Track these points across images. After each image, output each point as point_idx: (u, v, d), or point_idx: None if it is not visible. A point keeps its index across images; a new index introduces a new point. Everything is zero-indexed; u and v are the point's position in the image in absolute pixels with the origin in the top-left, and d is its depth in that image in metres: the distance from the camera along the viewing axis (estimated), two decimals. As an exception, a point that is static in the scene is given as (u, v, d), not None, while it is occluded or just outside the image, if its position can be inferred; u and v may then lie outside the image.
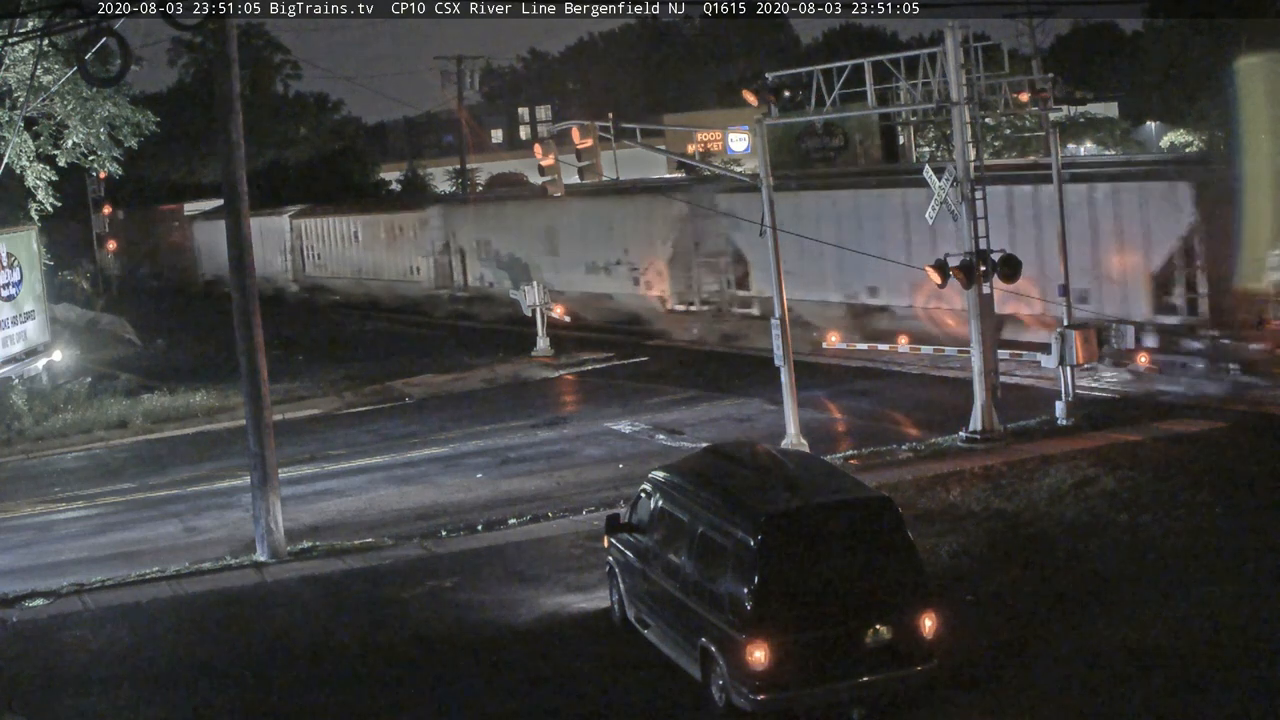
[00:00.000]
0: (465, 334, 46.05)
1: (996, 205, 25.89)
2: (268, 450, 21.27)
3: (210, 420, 32.97)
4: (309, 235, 61.96)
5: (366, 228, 57.85)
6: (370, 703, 15.27)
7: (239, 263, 21.46)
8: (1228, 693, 13.83)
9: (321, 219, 61.47)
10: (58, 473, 29.37)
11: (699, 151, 64.39)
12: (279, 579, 20.04)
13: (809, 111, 27.68)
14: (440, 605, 18.34)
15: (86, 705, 15.69)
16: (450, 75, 73.37)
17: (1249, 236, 26.55)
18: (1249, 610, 15.76)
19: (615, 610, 16.97)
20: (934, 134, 51.83)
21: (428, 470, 26.76)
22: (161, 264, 78.21)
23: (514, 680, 15.52)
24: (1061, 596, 16.64)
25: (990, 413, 24.83)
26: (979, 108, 25.53)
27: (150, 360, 44.66)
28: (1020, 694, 14.20)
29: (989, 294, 24.94)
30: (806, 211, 33.37)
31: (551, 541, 20.79)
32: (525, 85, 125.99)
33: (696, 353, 38.21)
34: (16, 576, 20.96)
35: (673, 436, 27.76)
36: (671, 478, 16.08)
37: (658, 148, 44.31)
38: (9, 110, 33.43)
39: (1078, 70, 73.93)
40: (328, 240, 60.53)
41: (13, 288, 35.14)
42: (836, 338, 32.60)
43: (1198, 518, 19.03)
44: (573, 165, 25.61)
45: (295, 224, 62.60)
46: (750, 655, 13.47)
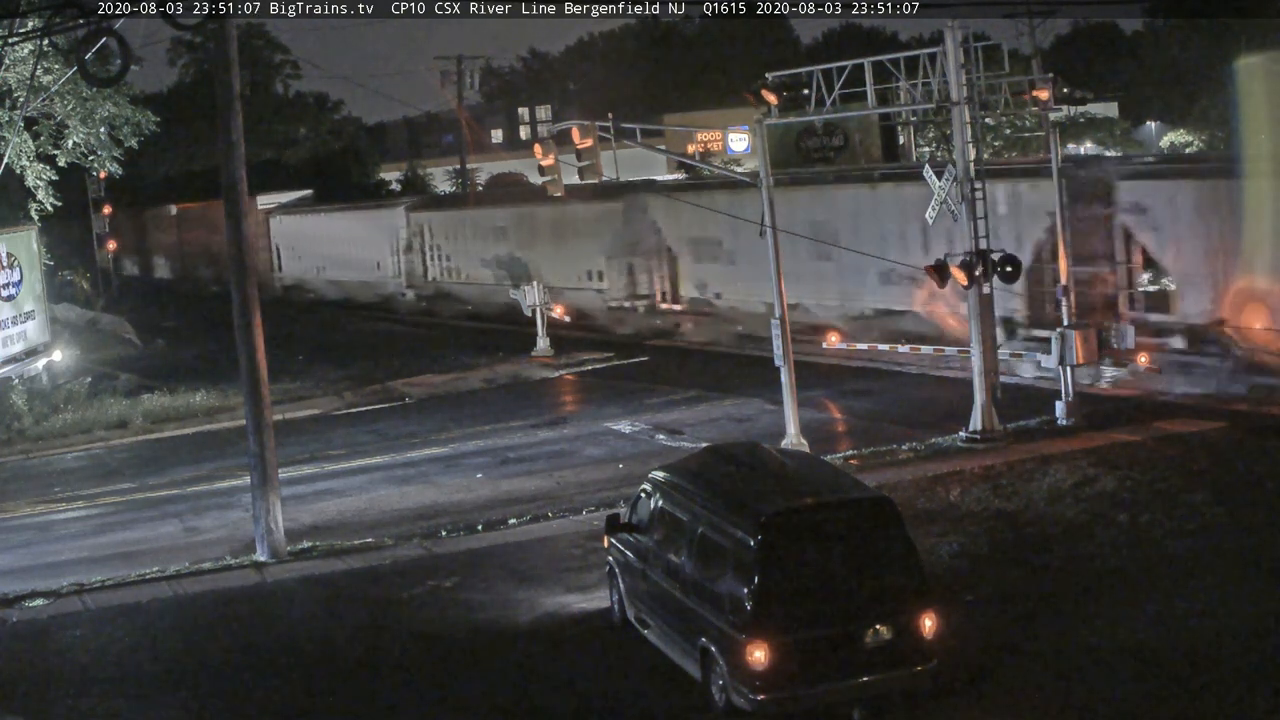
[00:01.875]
0: (466, 334, 46.06)
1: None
2: (268, 450, 21.27)
3: (210, 420, 32.97)
4: (433, 232, 54.18)
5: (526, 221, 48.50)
6: (370, 703, 15.27)
7: (239, 263, 21.46)
8: (1227, 693, 13.83)
9: (453, 212, 54.75)
10: (58, 473, 29.37)
11: (699, 151, 64.36)
12: (279, 579, 20.03)
13: (809, 111, 27.67)
14: (440, 605, 18.33)
15: (85, 705, 15.68)
16: (450, 75, 73.27)
17: (1249, 235, 26.55)
18: (1249, 610, 15.77)
19: (615, 610, 16.97)
20: (934, 134, 51.81)
21: (428, 470, 26.76)
22: (223, 267, 73.69)
23: (514, 680, 15.52)
24: (1061, 596, 16.65)
25: (990, 413, 24.84)
26: (979, 108, 25.54)
27: (150, 360, 44.66)
28: (1020, 694, 14.21)
29: (989, 294, 24.94)
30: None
31: (551, 541, 20.79)
32: (525, 85, 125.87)
33: (697, 353, 38.22)
34: (16, 576, 20.96)
35: (673, 436, 27.76)
36: (671, 478, 16.08)
37: (658, 148, 44.34)
38: (9, 110, 33.44)
39: (1078, 70, 73.90)
40: (460, 238, 52.68)
41: (13, 288, 35.13)
42: (837, 338, 32.52)
43: (1198, 518, 19.04)
44: (573, 165, 25.61)
45: (414, 218, 55.23)
46: (750, 655, 13.47)
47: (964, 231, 24.62)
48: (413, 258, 54.61)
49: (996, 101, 27.27)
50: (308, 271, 63.52)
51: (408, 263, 54.93)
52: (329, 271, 61.39)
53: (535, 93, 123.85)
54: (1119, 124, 62.34)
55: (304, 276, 63.82)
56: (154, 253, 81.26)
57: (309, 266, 63.33)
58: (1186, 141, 55.82)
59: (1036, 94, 26.33)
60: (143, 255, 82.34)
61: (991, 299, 25.12)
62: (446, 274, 53.25)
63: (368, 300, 57.88)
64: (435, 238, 53.74)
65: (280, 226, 65.47)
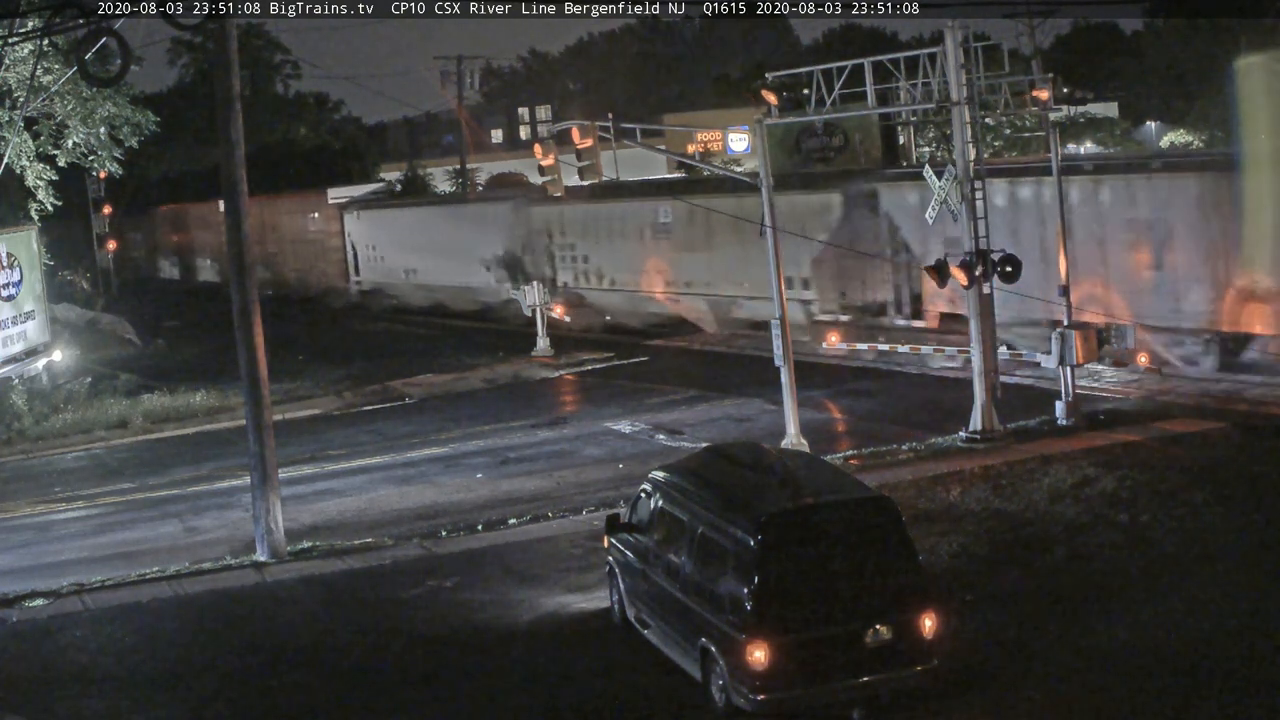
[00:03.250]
0: (467, 333, 46.04)
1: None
2: (268, 450, 21.28)
3: (210, 420, 32.98)
4: (564, 230, 45.13)
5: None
6: (370, 703, 15.27)
7: (239, 262, 21.44)
8: (1228, 693, 13.83)
9: (598, 205, 42.92)
10: (58, 473, 29.37)
11: (699, 151, 64.30)
12: (279, 579, 20.03)
13: (809, 111, 27.68)
14: (440, 605, 18.34)
15: (86, 705, 15.69)
16: (450, 75, 73.22)
17: (1249, 234, 26.55)
18: (1249, 610, 15.76)
19: (615, 610, 16.97)
20: (934, 134, 51.79)
21: (428, 470, 26.76)
22: (282, 270, 63.34)
23: (514, 680, 15.52)
24: (1061, 596, 16.64)
25: (990, 413, 24.83)
26: (979, 108, 25.54)
27: (150, 360, 44.66)
28: (1020, 694, 14.20)
29: (989, 294, 24.93)
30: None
31: (551, 541, 20.79)
32: (525, 85, 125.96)
33: (697, 353, 38.21)
34: (16, 576, 20.96)
35: (673, 436, 27.76)
36: (671, 478, 16.08)
37: (658, 148, 44.28)
38: (9, 110, 33.43)
39: (1078, 70, 73.86)
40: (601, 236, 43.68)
41: (13, 288, 35.13)
42: (836, 338, 32.51)
43: (1198, 518, 19.03)
44: (573, 165, 25.62)
45: (537, 213, 45.99)
46: (750, 655, 13.47)
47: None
48: (535, 259, 45.71)
49: (996, 101, 27.29)
50: (391, 274, 54.97)
51: (528, 266, 45.88)
52: (420, 275, 52.78)
53: (535, 93, 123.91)
54: (1119, 124, 62.29)
55: (386, 280, 55.42)
56: (197, 253, 74.61)
57: (393, 269, 54.83)
58: (1186, 141, 55.79)
59: (1036, 94, 26.33)
60: (183, 256, 76.83)
61: (991, 299, 25.12)
62: (583, 279, 43.99)
63: (464, 308, 50.03)
64: (567, 236, 44.54)
65: (357, 224, 57.19)
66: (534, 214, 45.58)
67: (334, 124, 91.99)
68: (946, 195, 24.47)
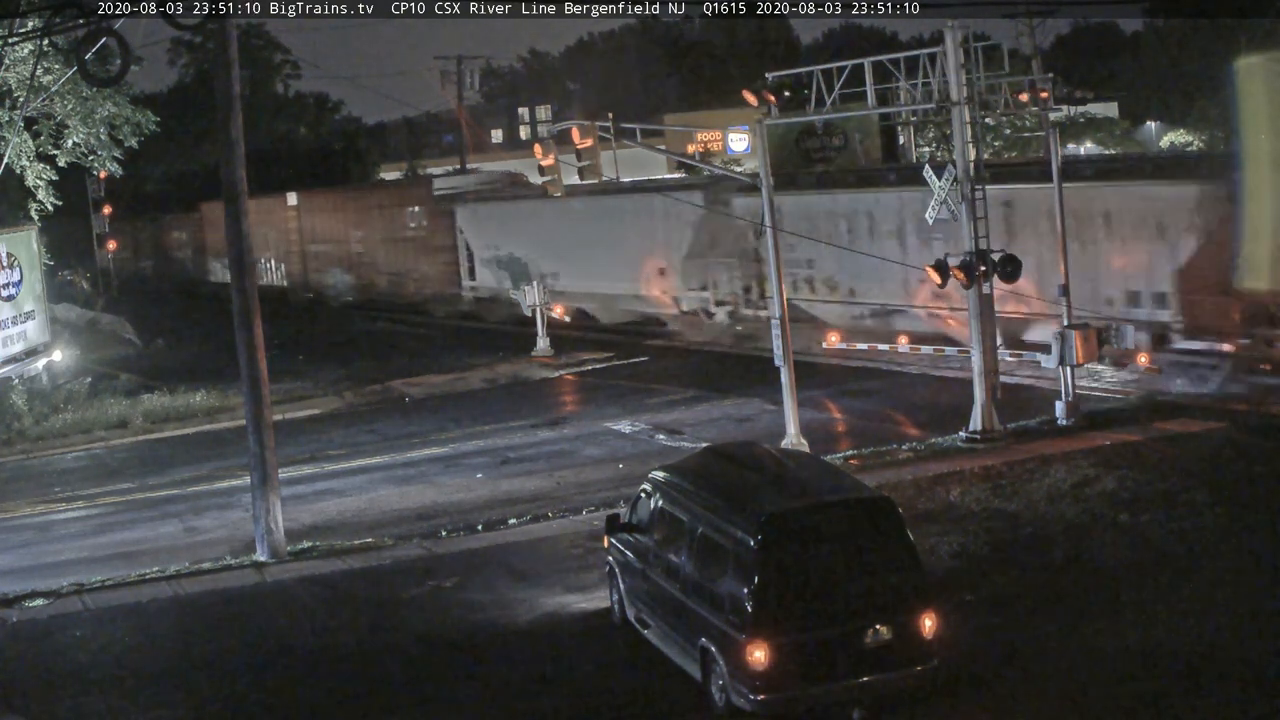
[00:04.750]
0: (467, 334, 46.04)
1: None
2: (268, 450, 21.28)
3: (210, 420, 32.98)
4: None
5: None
6: (370, 703, 15.27)
7: (239, 262, 21.45)
8: (1228, 693, 13.83)
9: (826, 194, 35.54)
10: (58, 473, 29.37)
11: (699, 151, 64.29)
12: (279, 579, 20.03)
13: (809, 111, 27.68)
14: (440, 605, 18.34)
15: (86, 705, 15.69)
16: (450, 75, 73.26)
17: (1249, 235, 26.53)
18: (1249, 610, 15.76)
19: (615, 610, 16.97)
20: (934, 134, 51.81)
21: (428, 470, 26.76)
22: (370, 275, 55.90)
23: (514, 680, 15.51)
24: (1061, 596, 16.64)
25: (990, 413, 24.83)
26: (979, 108, 25.54)
27: (150, 360, 44.66)
28: (1020, 694, 14.21)
29: (989, 293, 24.93)
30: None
31: (551, 541, 20.79)
32: (525, 85, 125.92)
33: (697, 353, 38.19)
34: (16, 576, 20.96)
35: (673, 436, 27.76)
36: (671, 478, 16.08)
37: (658, 148, 44.23)
38: (9, 110, 33.44)
39: (1078, 70, 73.92)
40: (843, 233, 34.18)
41: (13, 288, 35.13)
42: (836, 338, 32.46)
43: (1198, 517, 19.03)
44: (573, 165, 25.63)
45: (739, 203, 36.46)
46: (750, 655, 13.46)
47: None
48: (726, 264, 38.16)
49: (996, 101, 27.29)
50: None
51: (721, 272, 38.36)
52: (556, 280, 42.82)
53: (535, 93, 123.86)
54: (1119, 124, 62.35)
55: (507, 285, 46.02)
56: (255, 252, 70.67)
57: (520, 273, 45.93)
58: (1186, 141, 55.80)
59: (1035, 93, 26.32)
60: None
61: (992, 299, 25.12)
62: (805, 288, 35.40)
63: (622, 320, 43.16)
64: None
65: (472, 218, 48.53)
66: (736, 205, 36.58)
67: (334, 124, 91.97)
68: (946, 195, 24.46)
